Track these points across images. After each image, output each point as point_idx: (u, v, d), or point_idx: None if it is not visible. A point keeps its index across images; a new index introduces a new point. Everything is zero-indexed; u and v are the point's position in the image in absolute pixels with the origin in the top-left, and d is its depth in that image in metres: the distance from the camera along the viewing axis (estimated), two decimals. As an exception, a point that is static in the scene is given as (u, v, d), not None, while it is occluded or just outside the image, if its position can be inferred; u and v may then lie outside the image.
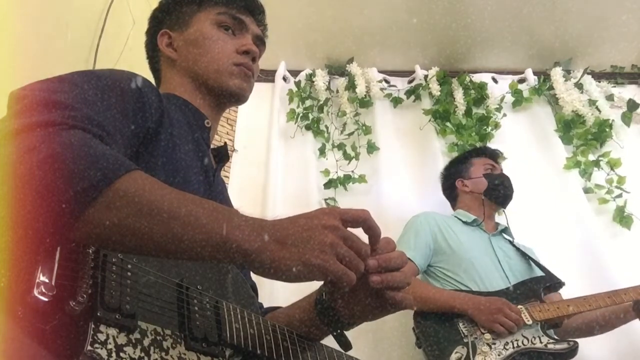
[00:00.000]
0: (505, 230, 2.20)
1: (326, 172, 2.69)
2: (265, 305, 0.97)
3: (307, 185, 2.63)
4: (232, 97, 1.04)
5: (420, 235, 2.03)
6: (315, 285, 0.83)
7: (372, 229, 0.69)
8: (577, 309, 1.81)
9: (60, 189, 0.53)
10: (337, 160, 2.74)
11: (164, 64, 1.08)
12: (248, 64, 1.04)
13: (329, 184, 2.65)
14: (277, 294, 1.94)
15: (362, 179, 2.66)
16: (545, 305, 1.82)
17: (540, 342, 1.73)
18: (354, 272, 0.63)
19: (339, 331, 0.80)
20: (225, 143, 1.11)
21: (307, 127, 2.86)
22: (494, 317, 1.73)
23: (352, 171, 2.68)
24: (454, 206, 2.31)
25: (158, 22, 1.11)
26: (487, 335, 1.74)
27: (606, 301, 1.83)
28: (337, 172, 2.69)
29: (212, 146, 1.06)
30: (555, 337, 1.78)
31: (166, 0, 1.12)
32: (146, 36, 1.14)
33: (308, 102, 2.95)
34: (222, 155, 1.07)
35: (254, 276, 0.99)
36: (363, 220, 0.68)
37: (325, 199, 2.59)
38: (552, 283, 1.92)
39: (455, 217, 2.21)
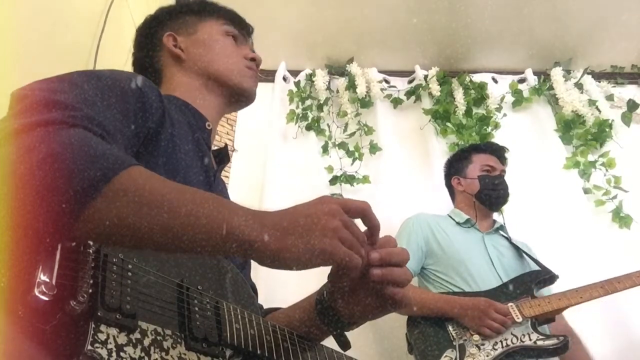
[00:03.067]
0: (501, 228, 2.19)
1: (330, 168, 2.70)
2: (265, 307, 0.97)
3: (311, 184, 2.64)
4: (244, 95, 1.08)
5: (412, 239, 2.03)
6: (315, 286, 0.84)
7: (371, 221, 0.70)
8: (569, 302, 1.78)
9: (60, 188, 0.53)
10: (340, 158, 2.74)
11: (168, 63, 1.09)
12: (255, 69, 1.11)
13: (334, 180, 2.66)
14: (277, 295, 1.94)
15: (365, 179, 2.67)
16: (536, 300, 1.79)
17: (530, 340, 1.71)
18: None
19: (338, 331, 0.80)
20: (225, 144, 1.12)
21: (308, 127, 2.86)
22: (479, 320, 1.72)
23: (356, 172, 2.69)
24: (453, 202, 2.31)
25: (160, 25, 1.12)
26: (476, 337, 1.73)
27: (599, 291, 1.79)
28: (341, 168, 2.70)
29: (212, 147, 1.06)
30: (546, 333, 1.76)
31: (168, 7, 1.14)
32: (143, 37, 1.14)
33: (307, 102, 2.95)
34: (223, 156, 1.08)
35: (253, 277, 0.99)
36: (363, 211, 0.68)
37: (332, 195, 2.59)
38: (544, 277, 1.90)
39: (449, 217, 2.20)
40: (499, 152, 2.27)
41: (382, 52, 3.04)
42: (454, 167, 2.31)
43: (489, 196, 2.15)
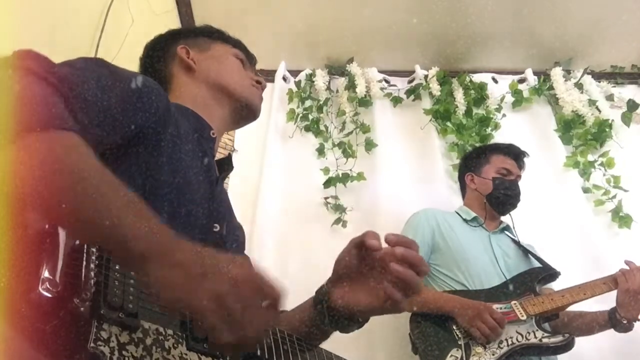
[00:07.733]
0: (507, 228, 2.18)
1: (326, 170, 2.69)
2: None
3: (308, 184, 2.64)
4: (250, 110, 1.12)
5: (419, 232, 2.03)
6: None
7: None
8: (572, 299, 1.78)
9: None
10: (336, 159, 2.74)
11: (178, 74, 1.11)
12: (261, 90, 1.17)
13: (328, 183, 2.65)
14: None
15: (360, 176, 2.66)
16: (539, 298, 1.79)
17: (535, 337, 1.71)
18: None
19: (333, 325, 0.81)
20: (229, 154, 1.14)
21: (307, 128, 2.86)
22: (472, 320, 1.72)
23: (351, 169, 2.68)
24: (462, 197, 2.30)
25: (173, 40, 1.16)
26: None
27: (602, 288, 1.80)
28: (337, 169, 2.69)
29: (216, 157, 1.08)
30: (550, 331, 1.76)
31: (180, 28, 1.17)
32: (155, 50, 1.16)
33: (308, 103, 2.94)
34: (226, 165, 1.09)
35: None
36: (275, 299, 0.62)
37: (326, 198, 2.59)
38: (546, 274, 1.89)
39: (457, 213, 2.19)
40: (518, 157, 2.24)
41: (382, 52, 3.04)
42: (471, 163, 2.29)
43: (500, 200, 2.13)
